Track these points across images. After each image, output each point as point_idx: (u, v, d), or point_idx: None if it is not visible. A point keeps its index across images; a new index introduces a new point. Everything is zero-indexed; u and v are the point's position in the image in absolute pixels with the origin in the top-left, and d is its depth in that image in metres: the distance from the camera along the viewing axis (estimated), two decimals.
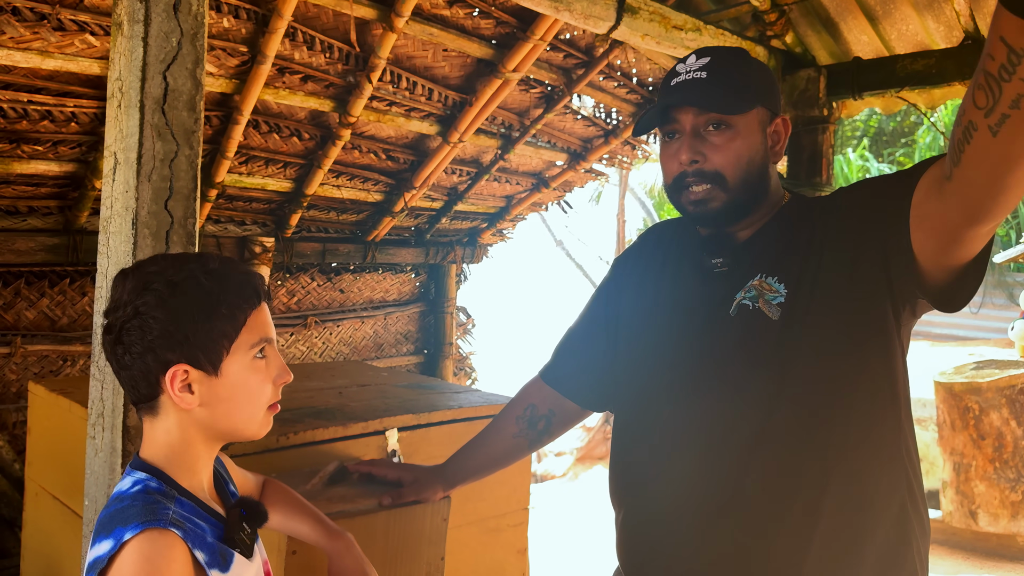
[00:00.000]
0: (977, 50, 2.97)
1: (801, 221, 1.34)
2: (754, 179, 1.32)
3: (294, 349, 4.52)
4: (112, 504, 1.03)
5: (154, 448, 1.09)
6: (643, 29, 2.63)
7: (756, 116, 1.33)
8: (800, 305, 1.25)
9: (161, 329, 1.03)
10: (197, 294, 1.04)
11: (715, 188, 1.31)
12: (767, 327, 1.26)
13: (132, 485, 1.05)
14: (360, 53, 3.30)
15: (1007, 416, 5.52)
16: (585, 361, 1.59)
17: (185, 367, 1.04)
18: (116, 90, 1.50)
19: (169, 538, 0.98)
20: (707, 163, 1.31)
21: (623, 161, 4.87)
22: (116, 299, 1.06)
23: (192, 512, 1.06)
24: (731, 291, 1.33)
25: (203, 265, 1.07)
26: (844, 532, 1.24)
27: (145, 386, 1.06)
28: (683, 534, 1.31)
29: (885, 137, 16.87)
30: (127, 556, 0.95)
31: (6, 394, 3.45)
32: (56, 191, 3.32)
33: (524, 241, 18.00)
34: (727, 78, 1.31)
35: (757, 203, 1.35)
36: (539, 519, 5.87)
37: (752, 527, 1.25)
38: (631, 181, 13.69)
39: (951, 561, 5.50)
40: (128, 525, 0.97)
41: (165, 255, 1.13)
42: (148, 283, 1.04)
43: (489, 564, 2.15)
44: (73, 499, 2.08)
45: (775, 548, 1.25)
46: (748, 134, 1.31)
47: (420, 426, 2.04)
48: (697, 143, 1.31)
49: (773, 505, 1.25)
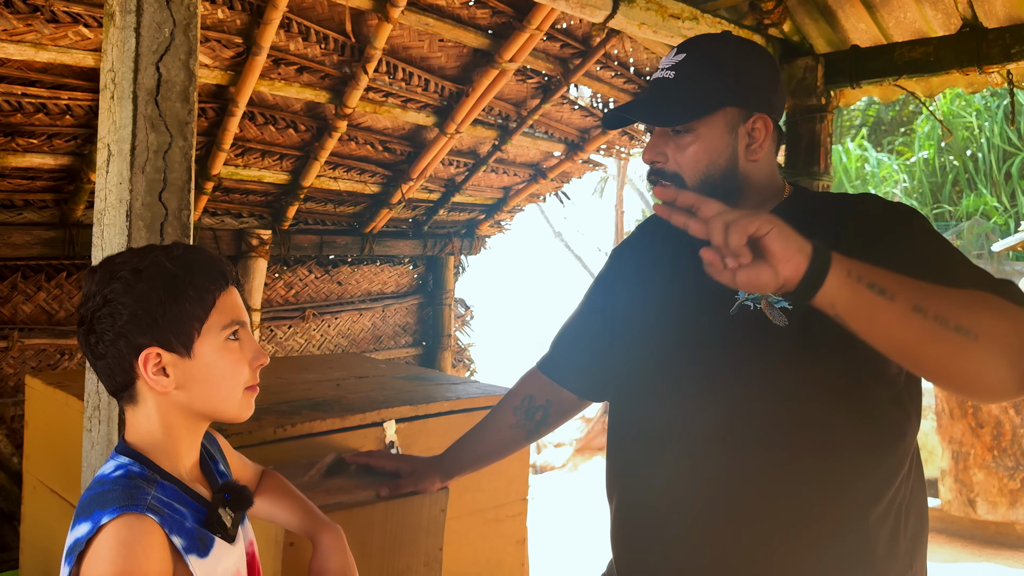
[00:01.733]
0: (976, 37, 2.96)
1: (805, 221, 1.31)
2: (716, 181, 1.30)
3: (292, 342, 4.52)
4: (93, 487, 1.04)
5: (137, 433, 1.10)
6: (640, 18, 2.62)
7: (723, 118, 1.30)
8: (803, 310, 1.24)
9: (130, 314, 1.05)
10: (163, 278, 1.06)
11: (674, 187, 1.31)
12: (768, 330, 1.25)
13: (115, 469, 1.06)
14: (356, 44, 3.28)
15: (1005, 404, 5.54)
16: (583, 352, 1.59)
17: (157, 350, 1.06)
18: (109, 81, 1.49)
19: (146, 523, 0.99)
20: (667, 163, 1.32)
21: (621, 151, 4.86)
22: (86, 292, 1.09)
23: (173, 496, 1.06)
24: (729, 287, 1.32)
25: (168, 252, 1.10)
26: (837, 525, 1.24)
27: (120, 373, 1.08)
28: (675, 527, 1.31)
29: (884, 126, 16.85)
30: (103, 540, 0.97)
31: (3, 388, 3.45)
32: (52, 184, 3.30)
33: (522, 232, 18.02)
34: (694, 80, 1.29)
35: (730, 200, 1.32)
36: (538, 510, 5.88)
37: (745, 523, 1.25)
38: (629, 172, 13.68)
39: (950, 549, 5.51)
40: (106, 509, 0.98)
41: (132, 248, 1.16)
42: (115, 272, 1.07)
43: (488, 554, 2.15)
44: (71, 492, 2.08)
45: (768, 546, 1.25)
46: (710, 137, 1.29)
47: (418, 417, 2.03)
48: (661, 143, 1.33)
49: (767, 502, 1.24)
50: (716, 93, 1.29)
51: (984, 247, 13.76)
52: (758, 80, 1.33)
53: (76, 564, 0.98)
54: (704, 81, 1.29)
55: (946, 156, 15.46)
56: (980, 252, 13.90)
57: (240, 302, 1.14)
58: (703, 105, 1.29)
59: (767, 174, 1.36)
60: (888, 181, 15.54)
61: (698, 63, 1.31)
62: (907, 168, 15.67)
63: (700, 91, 1.29)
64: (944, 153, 15.45)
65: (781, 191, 1.38)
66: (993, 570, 5.16)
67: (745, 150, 1.32)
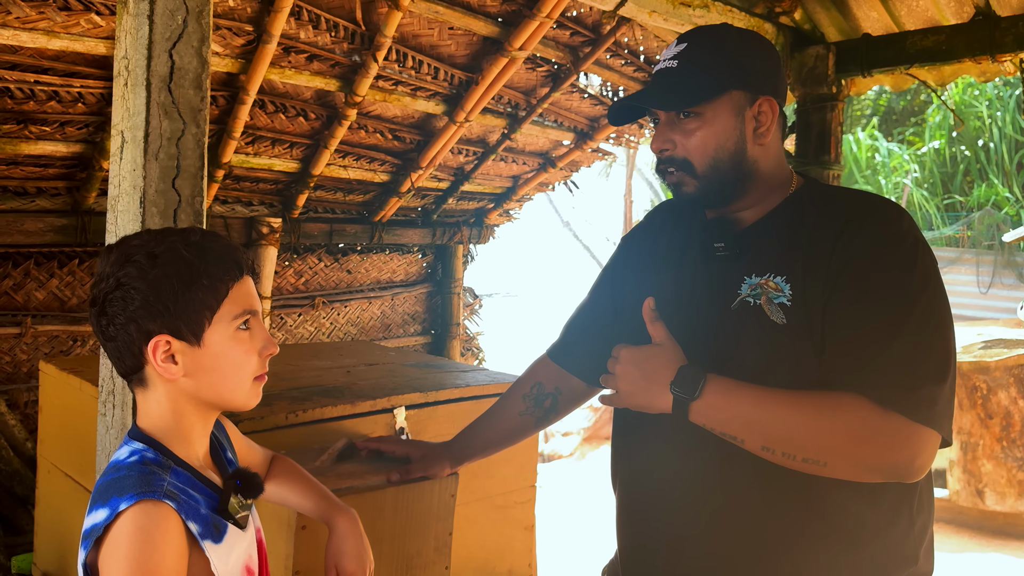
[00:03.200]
0: (988, 25, 2.94)
1: (812, 213, 1.31)
2: (726, 165, 1.31)
3: (302, 329, 4.54)
4: (109, 473, 1.05)
5: (149, 419, 1.11)
6: (650, 5, 2.61)
7: (729, 101, 1.30)
8: (802, 309, 1.24)
9: (142, 299, 1.04)
10: (177, 265, 1.06)
11: (684, 174, 1.33)
12: (767, 327, 1.25)
13: (129, 455, 1.07)
14: (366, 32, 3.29)
15: (1015, 395, 5.52)
16: (591, 339, 1.59)
17: (167, 337, 1.06)
18: (122, 68, 1.50)
19: (163, 510, 1.00)
20: (676, 150, 1.33)
21: (630, 140, 4.85)
22: (100, 272, 1.08)
23: (187, 483, 1.07)
24: (733, 279, 1.31)
25: (184, 238, 1.09)
26: (840, 518, 1.25)
27: (129, 357, 1.08)
28: (677, 518, 1.32)
29: (895, 116, 16.75)
30: (122, 526, 0.98)
31: (17, 374, 3.49)
32: (64, 172, 3.32)
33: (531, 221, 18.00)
34: (698, 66, 1.30)
35: (741, 186, 1.33)
36: (546, 498, 5.90)
37: (746, 519, 1.26)
38: (638, 161, 13.64)
39: (958, 540, 5.51)
40: (124, 495, 0.99)
41: (150, 230, 1.15)
42: (130, 255, 1.06)
43: (496, 540, 2.16)
44: (85, 476, 2.10)
45: (770, 541, 1.25)
46: (717, 121, 1.30)
47: (428, 404, 2.05)
48: (668, 130, 1.33)
49: (767, 497, 1.25)
50: (721, 77, 1.30)
51: (995, 237, 13.69)
52: (761, 64, 1.34)
53: (94, 548, 0.99)
54: (708, 66, 1.30)
55: (957, 146, 15.36)
56: (991, 242, 13.83)
57: (253, 291, 1.14)
58: (709, 89, 1.29)
59: (775, 162, 1.36)
60: (899, 171, 15.45)
61: (701, 50, 1.31)
62: (918, 158, 15.58)
63: (705, 76, 1.29)
64: (955, 143, 15.35)
65: (789, 182, 1.37)
66: (1001, 560, 5.16)
67: (753, 134, 1.32)
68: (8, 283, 3.44)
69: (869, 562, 1.25)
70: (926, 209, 14.93)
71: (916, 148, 15.69)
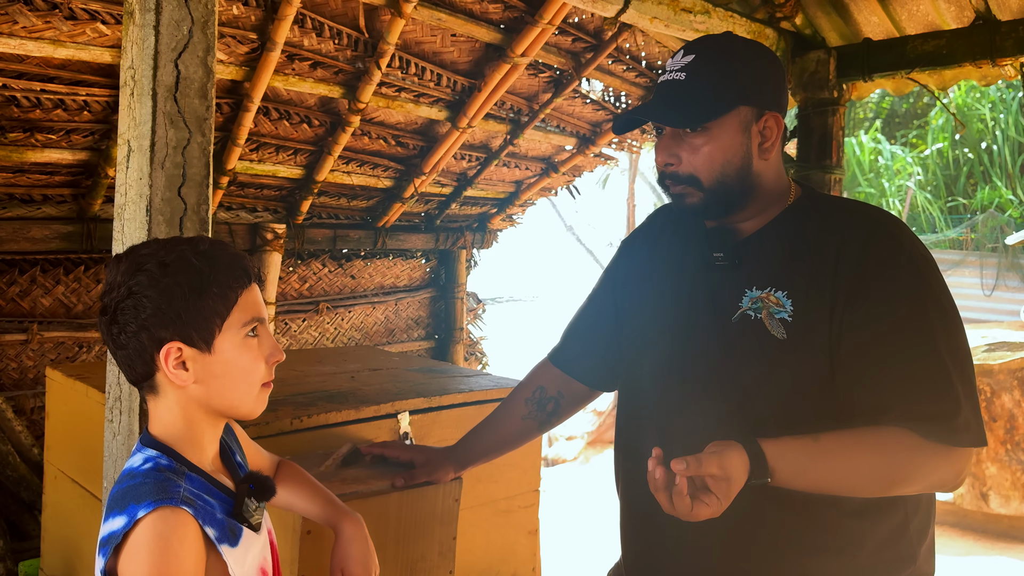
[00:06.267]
0: (989, 30, 2.95)
1: (811, 226, 1.32)
2: (731, 180, 1.31)
3: (306, 335, 4.56)
4: (124, 480, 1.06)
5: (161, 425, 1.12)
6: (652, 12, 2.62)
7: (736, 117, 1.30)
8: (804, 325, 1.25)
9: (154, 307, 1.06)
10: (188, 274, 1.07)
11: (691, 187, 1.32)
12: (767, 341, 1.25)
13: (143, 462, 1.08)
14: (369, 39, 3.31)
15: (1019, 398, 5.51)
16: (593, 343, 1.60)
17: (179, 344, 1.07)
18: (129, 78, 1.51)
19: (181, 516, 1.01)
20: (681, 166, 1.32)
21: (633, 145, 4.87)
22: (111, 281, 1.10)
23: (201, 488, 1.09)
24: (734, 291, 1.31)
25: (194, 247, 1.11)
26: (840, 522, 1.26)
27: (141, 364, 1.09)
28: (680, 521, 1.33)
29: (898, 119, 16.74)
30: (141, 533, 0.99)
31: (24, 380, 3.50)
32: (70, 179, 3.34)
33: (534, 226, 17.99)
34: (706, 81, 1.29)
35: (744, 199, 1.33)
36: (550, 502, 5.91)
37: (749, 528, 1.26)
38: (641, 165, 13.65)
39: (962, 543, 5.50)
40: (141, 503, 1.00)
41: (158, 239, 1.17)
42: (141, 264, 1.08)
43: (500, 544, 2.17)
44: (92, 482, 2.12)
45: (772, 550, 1.26)
46: (724, 137, 1.29)
47: (431, 409, 2.06)
48: (673, 144, 1.32)
49: (769, 506, 1.25)
50: (730, 93, 1.29)
51: (998, 240, 13.66)
52: (767, 78, 1.33)
53: (112, 556, 1.00)
54: (717, 81, 1.29)
55: (960, 149, 15.34)
56: (995, 245, 13.81)
57: (260, 299, 1.16)
58: (718, 105, 1.29)
59: (775, 174, 1.36)
60: (902, 174, 15.44)
61: (709, 63, 1.31)
62: (921, 161, 15.56)
63: (714, 91, 1.29)
64: (958, 146, 15.33)
65: (787, 192, 1.38)
66: (1006, 564, 5.15)
67: (758, 149, 1.32)
68: (14, 290, 3.46)
69: (869, 563, 1.26)
70: (929, 212, 14.91)
71: (919, 151, 15.68)
